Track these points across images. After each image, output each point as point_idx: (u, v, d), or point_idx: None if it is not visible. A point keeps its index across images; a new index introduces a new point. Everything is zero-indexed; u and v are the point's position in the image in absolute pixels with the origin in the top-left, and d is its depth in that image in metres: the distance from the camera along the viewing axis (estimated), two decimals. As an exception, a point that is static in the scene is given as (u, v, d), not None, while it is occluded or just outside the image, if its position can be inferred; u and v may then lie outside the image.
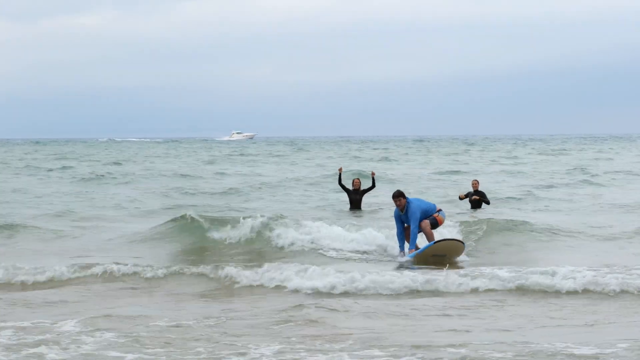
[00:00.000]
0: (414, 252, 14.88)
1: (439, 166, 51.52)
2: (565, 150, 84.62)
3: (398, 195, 15.17)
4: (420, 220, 15.04)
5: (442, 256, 14.80)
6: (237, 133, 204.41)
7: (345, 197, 24.41)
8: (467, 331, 9.33)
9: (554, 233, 18.31)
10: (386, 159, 65.21)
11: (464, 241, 15.59)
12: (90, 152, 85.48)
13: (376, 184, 23.50)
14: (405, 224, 15.25)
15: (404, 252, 15.25)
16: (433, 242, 14.93)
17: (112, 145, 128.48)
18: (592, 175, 39.77)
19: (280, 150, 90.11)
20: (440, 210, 15.46)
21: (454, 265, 14.43)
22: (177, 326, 9.49)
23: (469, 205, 23.95)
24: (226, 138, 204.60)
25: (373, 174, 23.53)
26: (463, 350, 8.24)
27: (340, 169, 23.94)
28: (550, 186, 34.12)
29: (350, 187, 23.65)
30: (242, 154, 79.04)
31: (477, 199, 23.53)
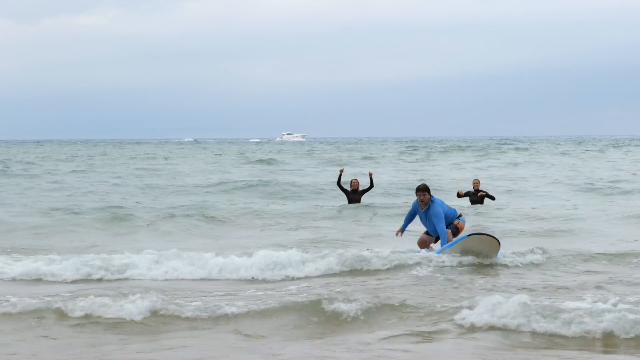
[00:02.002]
0: (440, 249, 13.66)
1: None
2: None
3: (423, 189, 13.93)
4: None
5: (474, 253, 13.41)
6: (288, 134, 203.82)
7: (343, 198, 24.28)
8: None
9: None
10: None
11: (499, 239, 13.57)
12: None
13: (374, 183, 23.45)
14: (421, 220, 14.14)
15: (401, 232, 14.35)
16: (465, 235, 13.42)
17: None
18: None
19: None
20: (460, 215, 14.18)
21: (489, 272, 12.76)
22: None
23: (467, 204, 23.44)
24: (278, 139, 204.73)
25: (371, 173, 23.23)
26: None
27: (341, 170, 23.78)
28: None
29: (348, 187, 23.68)
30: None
31: (483, 195, 23.04)
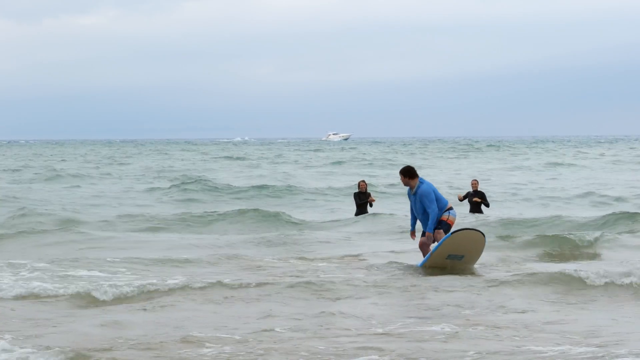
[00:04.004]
0: (424, 259, 13.07)
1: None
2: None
3: (402, 172, 13.11)
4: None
5: (459, 259, 12.88)
6: (334, 134, 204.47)
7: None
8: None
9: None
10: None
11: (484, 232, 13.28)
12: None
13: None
14: (412, 206, 13.22)
15: (413, 233, 13.48)
16: (447, 235, 12.74)
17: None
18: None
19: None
20: (450, 208, 13.12)
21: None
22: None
23: (467, 209, 23.38)
24: (323, 139, 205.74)
25: (372, 200, 22.28)
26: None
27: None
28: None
29: (356, 190, 23.21)
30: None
31: (478, 201, 22.93)
